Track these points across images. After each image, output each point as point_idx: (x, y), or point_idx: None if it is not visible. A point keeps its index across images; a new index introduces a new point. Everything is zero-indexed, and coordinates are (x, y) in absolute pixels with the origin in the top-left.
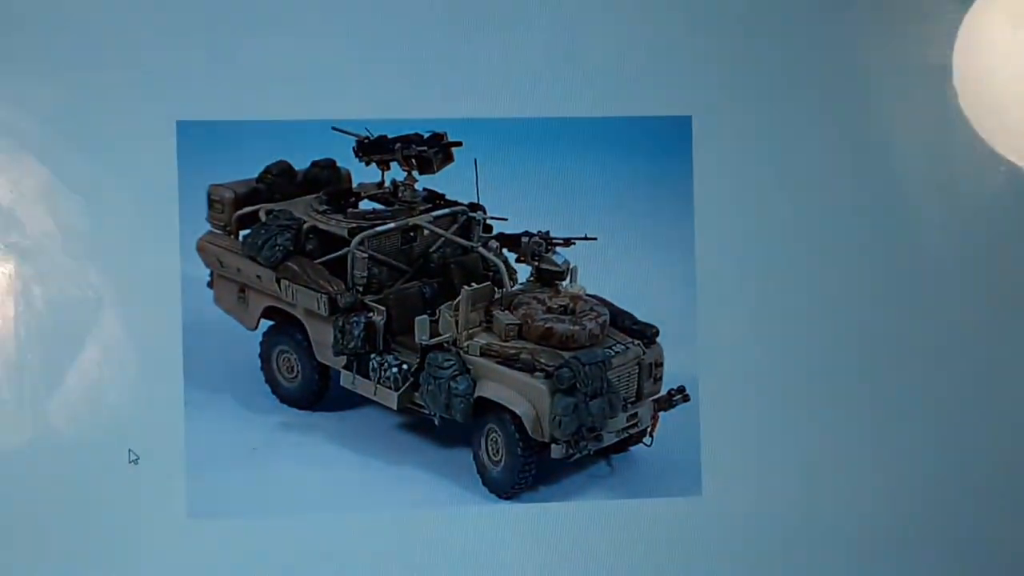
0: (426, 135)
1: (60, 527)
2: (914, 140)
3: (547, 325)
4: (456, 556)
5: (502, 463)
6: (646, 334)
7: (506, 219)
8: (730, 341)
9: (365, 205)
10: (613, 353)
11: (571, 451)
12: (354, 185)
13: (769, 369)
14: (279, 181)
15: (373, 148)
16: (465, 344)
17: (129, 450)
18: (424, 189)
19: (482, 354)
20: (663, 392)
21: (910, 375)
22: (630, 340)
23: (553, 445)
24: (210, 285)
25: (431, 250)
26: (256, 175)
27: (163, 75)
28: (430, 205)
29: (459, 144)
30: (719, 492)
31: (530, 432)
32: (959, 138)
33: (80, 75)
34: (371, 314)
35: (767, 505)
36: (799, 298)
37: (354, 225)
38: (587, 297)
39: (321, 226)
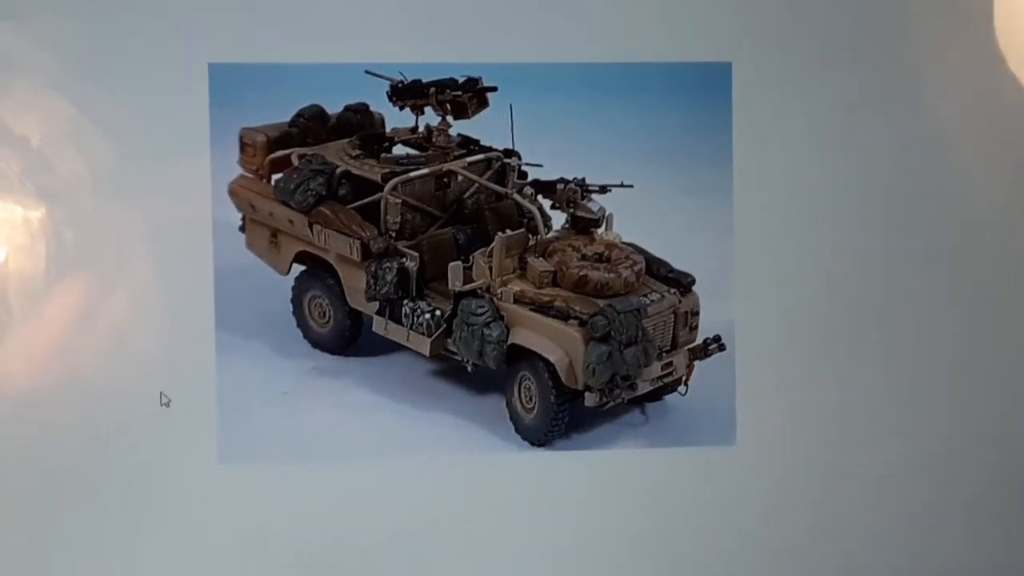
0: (461, 80)
1: (90, 471)
2: (956, 86)
3: (582, 272)
4: (488, 503)
5: (535, 411)
6: (682, 282)
7: (541, 165)
8: (767, 290)
9: (399, 150)
10: (648, 301)
11: (605, 399)
12: (387, 130)
13: (806, 318)
14: (312, 125)
15: (407, 92)
16: (499, 291)
17: (160, 394)
18: (458, 135)
19: (516, 301)
20: (699, 341)
21: (951, 325)
22: (666, 288)
23: (587, 393)
24: (242, 229)
25: (465, 196)
26: (289, 119)
27: (195, 16)
28: (464, 151)
29: (494, 89)
30: (753, 441)
31: (564, 380)
32: (1001, 84)
33: (111, 15)
34: (404, 260)
35: (801, 454)
36: (837, 247)
37: (387, 170)
38: (622, 245)
39: (354, 171)
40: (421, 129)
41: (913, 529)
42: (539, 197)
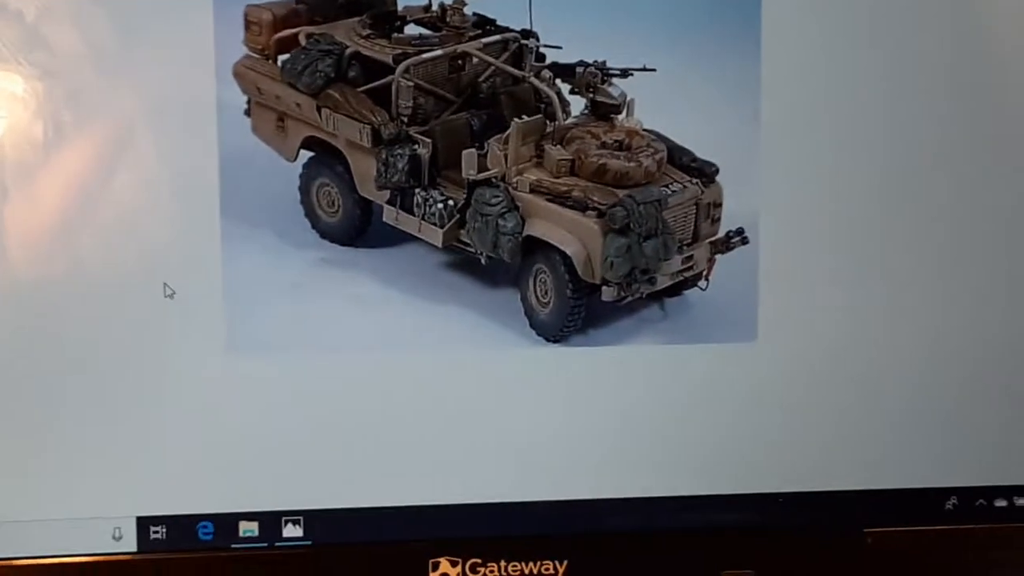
0: None
1: (94, 362)
2: None
3: (601, 161)
4: (502, 398)
5: (551, 305)
6: (705, 172)
7: (560, 47)
8: (793, 182)
9: (411, 30)
10: (670, 192)
11: (623, 294)
12: (399, 8)
13: (832, 213)
14: (320, 2)
15: None
16: (514, 180)
17: (164, 283)
18: (474, 14)
19: (532, 191)
20: (721, 234)
21: (982, 221)
22: (688, 179)
23: (604, 287)
24: (247, 113)
25: (480, 80)
26: None
27: None
28: (480, 31)
29: None
30: (774, 337)
31: (580, 273)
32: None
33: None
34: (416, 146)
35: (823, 352)
36: (868, 141)
37: (399, 51)
38: (644, 132)
39: (364, 52)
40: (435, 7)
41: (943, 425)
42: (557, 81)
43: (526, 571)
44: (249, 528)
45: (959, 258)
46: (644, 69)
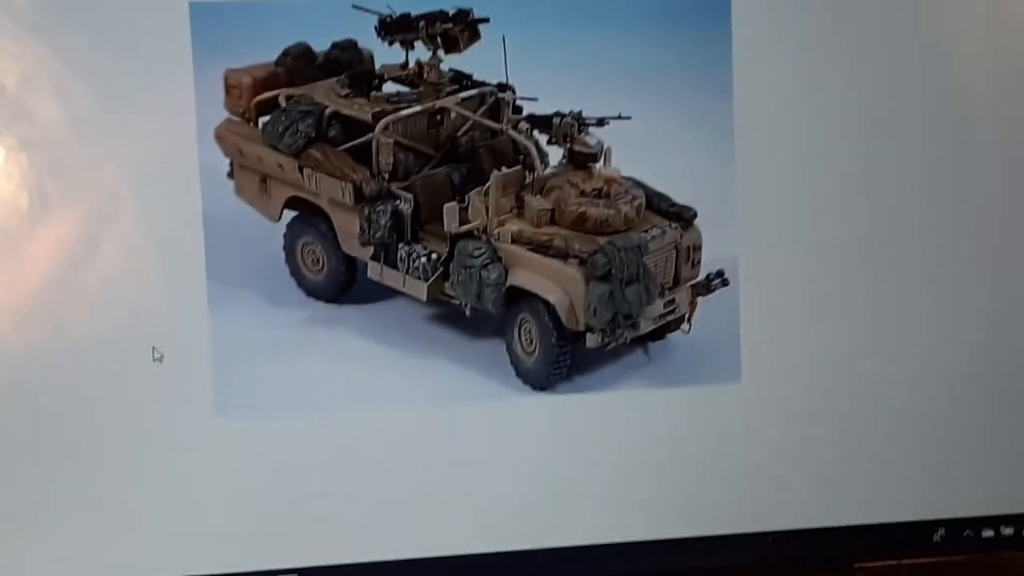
0: (451, 12)
1: (84, 428)
2: (964, 7)
3: (580, 209)
4: (491, 449)
5: (536, 354)
6: (683, 217)
7: (536, 99)
8: (770, 223)
9: (389, 88)
10: (649, 237)
11: (607, 340)
12: (377, 67)
13: (810, 252)
14: (298, 64)
15: (396, 27)
16: (496, 231)
17: (153, 348)
18: (450, 70)
19: (513, 241)
20: (701, 277)
21: (959, 257)
22: (667, 223)
23: (588, 334)
24: (231, 176)
25: (459, 134)
26: (274, 58)
27: None
28: (457, 86)
29: (486, 20)
30: (758, 379)
31: (564, 321)
32: (1007, 4)
33: None
34: (398, 202)
35: (807, 392)
36: (841, 179)
37: (378, 109)
38: (622, 179)
39: (344, 111)
40: (412, 65)
41: (927, 459)
42: (535, 132)
43: None
44: None
45: (938, 295)
46: (619, 117)
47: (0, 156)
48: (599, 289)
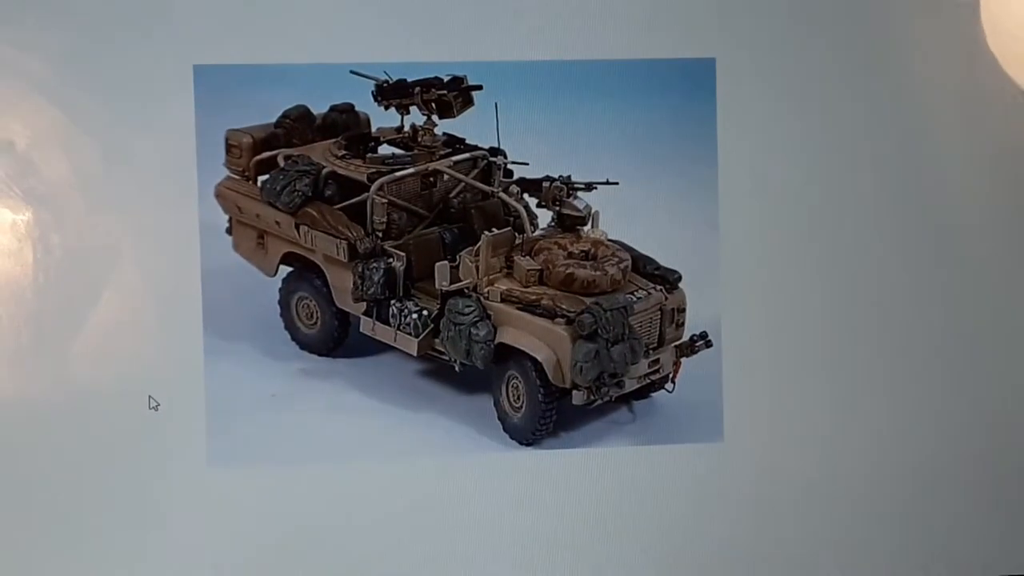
0: (446, 79)
1: (81, 475)
2: (942, 80)
3: (568, 270)
4: (477, 502)
5: (523, 410)
6: (668, 279)
7: (527, 163)
8: (753, 286)
9: (384, 150)
10: (635, 299)
11: (592, 397)
12: (373, 130)
13: (792, 314)
14: (297, 126)
15: (392, 92)
16: (486, 290)
17: (149, 397)
18: (444, 133)
19: (503, 300)
20: (685, 338)
21: (933, 323)
22: (652, 285)
23: (574, 391)
24: (229, 232)
25: (451, 195)
26: (274, 120)
27: (180, 18)
28: (450, 150)
29: (479, 88)
30: (740, 438)
31: (551, 378)
32: (987, 78)
33: (96, 18)
34: (391, 260)
35: (788, 451)
36: (824, 243)
37: (373, 170)
38: (609, 242)
39: (340, 171)
40: (406, 128)
41: (901, 526)
42: (525, 195)
43: None
44: None
45: (922, 360)
46: (607, 183)
47: (8, 209)
48: (585, 348)
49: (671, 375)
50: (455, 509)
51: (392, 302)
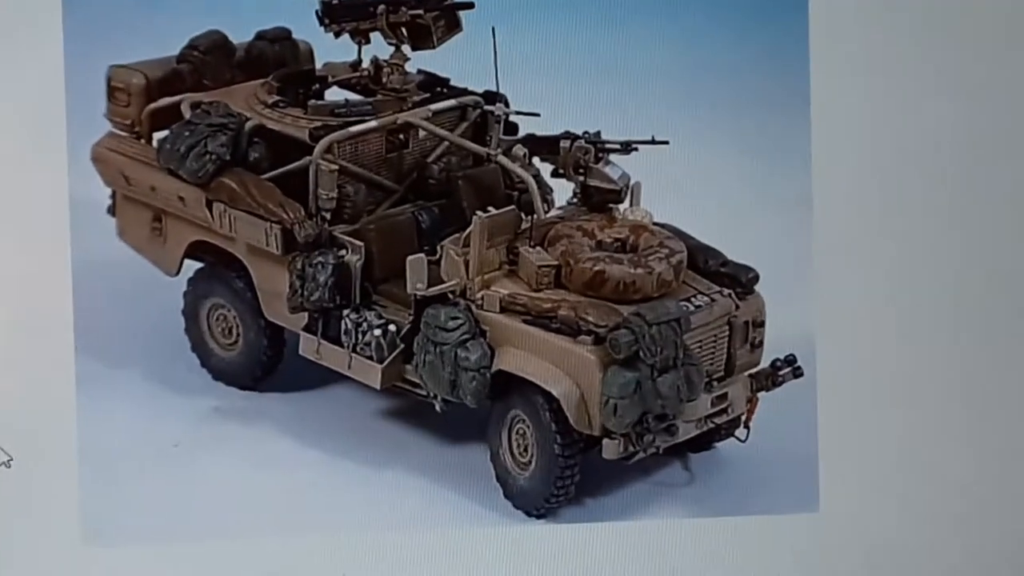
0: None
1: None
2: None
3: (597, 267)
4: None
5: (533, 466)
6: (740, 280)
7: (538, 114)
8: (863, 290)
9: (335, 95)
10: (692, 308)
11: (632, 448)
12: (318, 66)
13: (918, 330)
14: (210, 60)
15: (345, 12)
16: (479, 295)
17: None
18: (419, 71)
19: (503, 309)
20: (764, 364)
21: None
22: (717, 289)
23: (605, 440)
24: (112, 212)
25: (430, 160)
26: (177, 51)
27: None
28: (428, 95)
29: (470, 6)
30: (844, 507)
31: (573, 422)
32: None
33: None
34: (343, 252)
35: (909, 526)
36: (953, 226)
37: (318, 124)
38: (655, 227)
39: (271, 125)
40: (366, 65)
41: None
42: (535, 160)
43: None
44: None
45: None
46: (653, 142)
47: None
48: (621, 378)
49: (744, 417)
50: None
51: (345, 313)
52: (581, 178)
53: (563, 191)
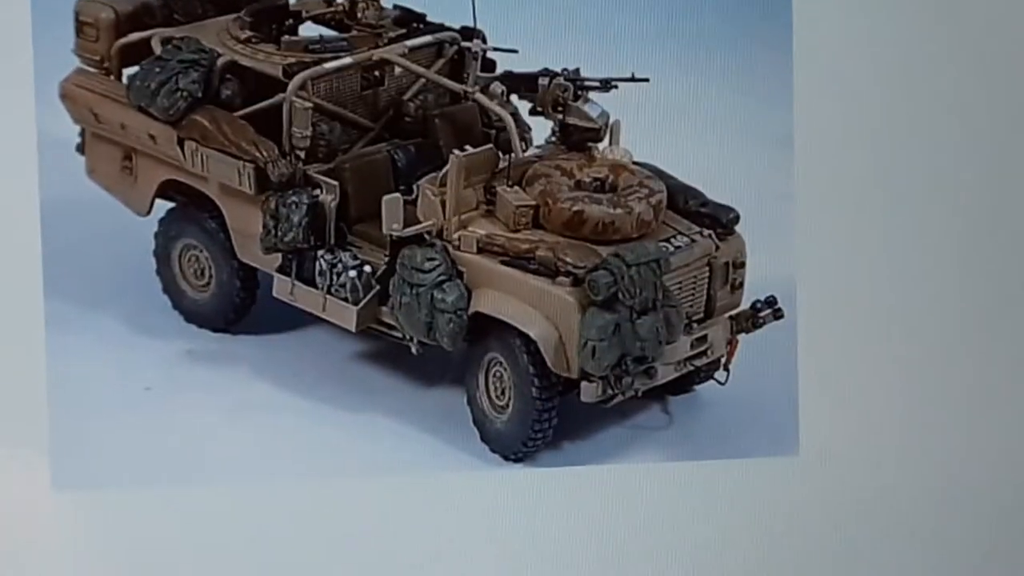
0: None
1: None
2: None
3: (576, 207)
4: (444, 543)
5: (510, 409)
6: (720, 220)
7: (515, 51)
8: (844, 231)
9: (308, 30)
10: (672, 248)
11: (610, 391)
12: (291, 1)
13: (896, 273)
14: None
15: None
16: (456, 235)
17: None
18: (395, 6)
19: (480, 250)
20: (745, 306)
21: None
22: (697, 229)
23: (584, 383)
24: (80, 150)
25: (406, 97)
26: None
27: None
28: (403, 31)
29: None
30: (823, 449)
31: (550, 364)
32: None
33: None
34: (317, 192)
35: (889, 467)
36: (938, 168)
37: (292, 60)
38: (634, 167)
39: (244, 61)
40: (341, 0)
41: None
42: (514, 97)
43: None
44: None
45: None
46: (633, 79)
47: None
48: (600, 319)
49: (724, 359)
50: (413, 552)
51: (320, 253)
52: (560, 116)
53: (541, 129)
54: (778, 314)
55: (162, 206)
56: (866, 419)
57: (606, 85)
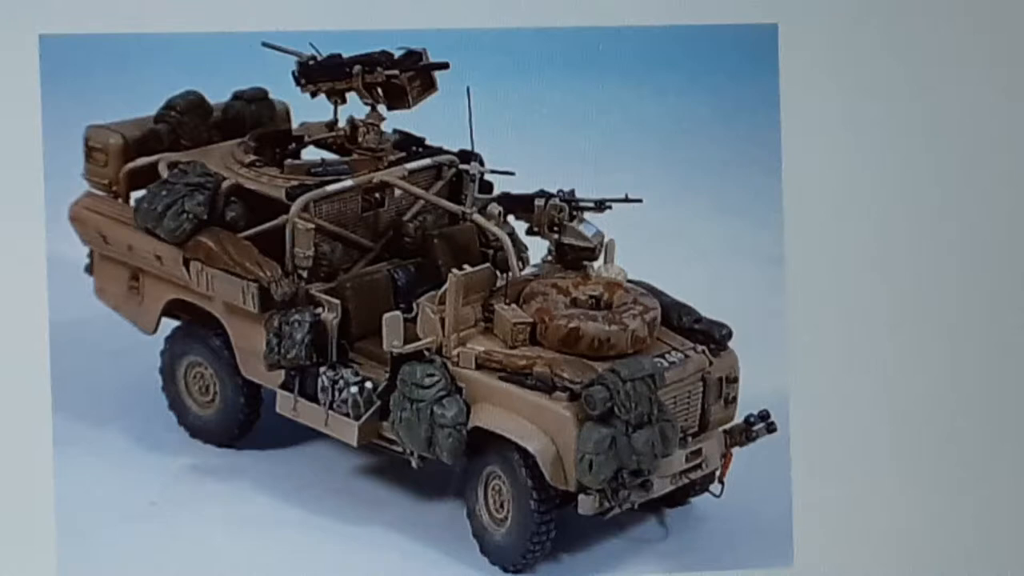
0: (397, 54)
1: None
2: None
3: (572, 324)
4: None
5: (509, 522)
6: (714, 336)
7: (512, 173)
8: (835, 346)
9: (311, 155)
10: (666, 364)
11: (607, 504)
12: (295, 126)
13: (890, 387)
14: (187, 120)
15: (322, 72)
16: (455, 352)
17: None
18: (395, 131)
19: (479, 366)
20: (738, 420)
21: None
22: (691, 345)
23: (581, 496)
24: (89, 270)
25: (405, 218)
26: (154, 112)
27: None
28: (403, 154)
29: (445, 66)
30: (818, 560)
31: (548, 478)
32: None
33: None
34: (319, 310)
35: None
36: (932, 281)
37: (295, 183)
38: (629, 284)
39: (248, 185)
40: (342, 124)
41: None
42: (510, 218)
43: None
44: None
45: None
46: (627, 200)
47: None
48: (597, 434)
49: (719, 473)
50: None
51: (322, 370)
52: (556, 236)
53: (538, 249)
54: (771, 427)
55: (168, 324)
56: (860, 530)
57: (600, 206)
